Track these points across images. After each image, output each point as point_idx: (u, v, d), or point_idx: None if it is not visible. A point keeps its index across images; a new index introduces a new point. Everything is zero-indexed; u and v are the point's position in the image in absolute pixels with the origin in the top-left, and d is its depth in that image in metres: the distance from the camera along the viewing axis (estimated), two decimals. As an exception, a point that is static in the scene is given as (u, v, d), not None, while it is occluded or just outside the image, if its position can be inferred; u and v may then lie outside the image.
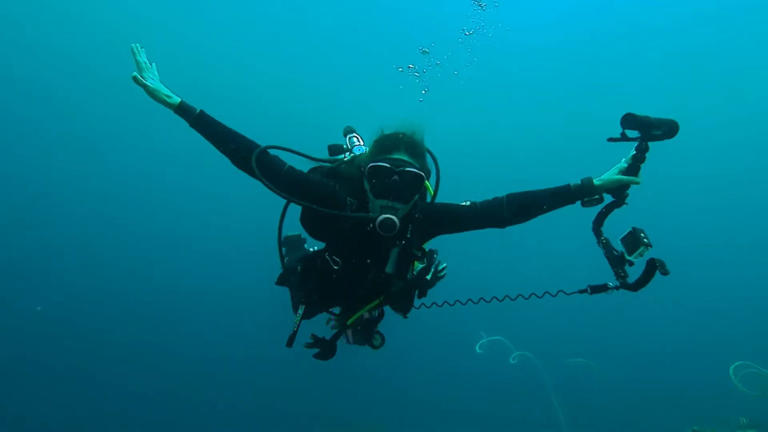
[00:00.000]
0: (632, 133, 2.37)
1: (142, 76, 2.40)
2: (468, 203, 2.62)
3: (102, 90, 20.34)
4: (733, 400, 8.55)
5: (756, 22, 19.40)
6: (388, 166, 2.33)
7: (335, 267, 2.56)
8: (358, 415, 10.98)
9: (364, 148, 3.02)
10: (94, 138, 20.79)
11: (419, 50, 9.01)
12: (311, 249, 3.68)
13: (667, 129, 2.32)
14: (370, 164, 2.37)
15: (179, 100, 2.41)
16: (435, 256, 2.92)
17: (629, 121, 2.33)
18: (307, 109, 21.54)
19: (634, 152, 2.40)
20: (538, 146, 22.92)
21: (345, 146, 3.12)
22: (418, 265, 2.82)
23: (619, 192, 2.46)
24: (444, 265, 3.13)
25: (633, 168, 2.40)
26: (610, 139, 2.38)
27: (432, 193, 2.78)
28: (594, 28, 20.91)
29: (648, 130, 2.32)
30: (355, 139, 3.12)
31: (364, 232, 2.42)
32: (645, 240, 2.29)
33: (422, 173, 2.38)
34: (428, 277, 2.76)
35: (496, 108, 22.59)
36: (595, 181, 2.44)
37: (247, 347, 13.09)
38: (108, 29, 19.87)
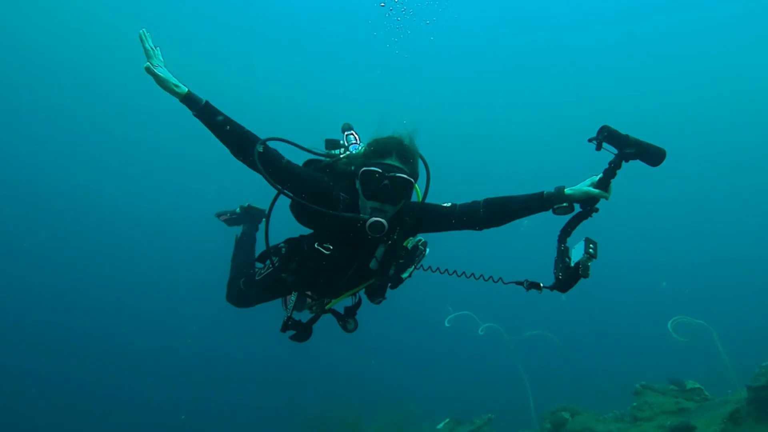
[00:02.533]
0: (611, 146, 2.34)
1: (151, 64, 2.40)
2: (449, 204, 2.70)
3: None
4: (675, 356, 9.82)
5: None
6: (380, 171, 2.45)
7: (326, 253, 2.64)
8: (339, 393, 11.47)
9: (359, 146, 3.03)
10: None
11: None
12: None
13: (648, 155, 2.28)
14: (363, 168, 2.49)
15: (186, 89, 2.43)
16: (417, 254, 2.88)
17: (603, 133, 2.31)
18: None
19: (607, 166, 2.36)
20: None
21: (342, 142, 3.15)
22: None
23: (587, 204, 2.44)
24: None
25: (603, 182, 2.39)
26: (590, 140, 2.34)
27: (420, 195, 2.88)
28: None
29: (622, 147, 2.29)
30: (352, 137, 3.16)
31: (353, 228, 2.54)
32: (590, 251, 2.30)
33: (412, 179, 2.52)
34: (404, 276, 2.80)
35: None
36: (566, 190, 2.44)
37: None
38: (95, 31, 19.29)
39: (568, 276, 2.34)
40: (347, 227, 2.56)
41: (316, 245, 2.68)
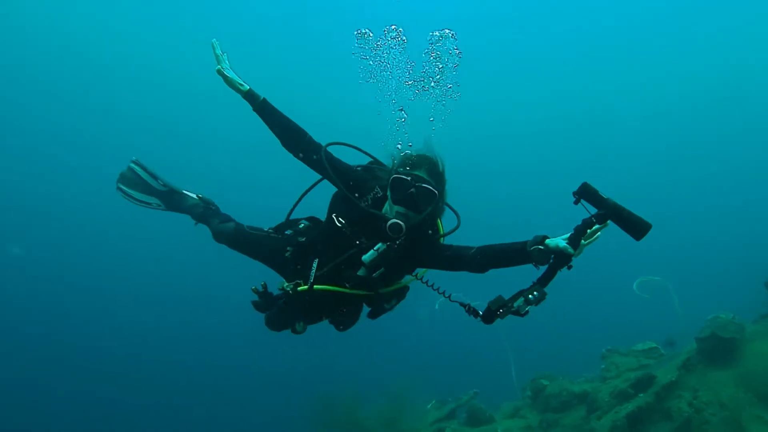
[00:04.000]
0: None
1: (222, 68, 2.83)
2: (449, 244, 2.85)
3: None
4: (638, 322, 10.66)
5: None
6: (409, 179, 2.67)
7: (338, 225, 2.83)
8: (335, 380, 12.02)
9: (395, 161, 3.03)
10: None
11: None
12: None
13: (626, 223, 2.21)
14: (394, 175, 2.72)
15: (248, 87, 2.85)
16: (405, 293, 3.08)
17: (582, 188, 2.26)
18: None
19: (581, 223, 2.29)
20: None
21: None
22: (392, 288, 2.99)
23: (559, 257, 2.32)
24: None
25: (574, 239, 2.29)
26: (575, 193, 2.29)
27: (442, 232, 2.96)
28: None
29: (597, 207, 2.24)
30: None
31: (372, 224, 2.75)
32: (530, 297, 2.27)
33: (436, 191, 2.70)
34: (387, 306, 3.02)
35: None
36: (547, 241, 2.35)
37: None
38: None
39: (492, 311, 2.37)
40: (367, 220, 2.78)
41: (333, 215, 2.91)
